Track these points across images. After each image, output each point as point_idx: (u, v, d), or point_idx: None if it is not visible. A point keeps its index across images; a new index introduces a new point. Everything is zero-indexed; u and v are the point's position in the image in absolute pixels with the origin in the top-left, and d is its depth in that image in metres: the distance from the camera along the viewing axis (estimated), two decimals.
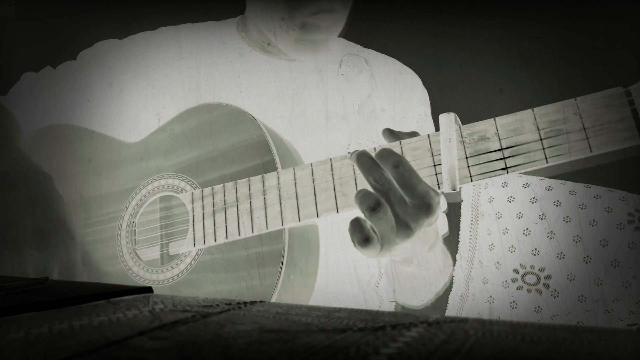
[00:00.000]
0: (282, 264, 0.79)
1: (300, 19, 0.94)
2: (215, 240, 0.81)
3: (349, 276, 0.92)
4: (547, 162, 0.63)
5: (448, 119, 0.68)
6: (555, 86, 0.89)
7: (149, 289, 0.61)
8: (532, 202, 0.89)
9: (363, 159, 0.69)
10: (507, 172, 0.65)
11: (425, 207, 0.66)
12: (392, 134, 0.73)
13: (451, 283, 0.91)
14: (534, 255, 0.86)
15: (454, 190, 0.66)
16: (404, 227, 0.66)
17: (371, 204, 0.65)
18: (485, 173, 0.66)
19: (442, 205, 0.79)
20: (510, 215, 0.90)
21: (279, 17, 0.98)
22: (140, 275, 0.87)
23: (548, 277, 0.85)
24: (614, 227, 0.83)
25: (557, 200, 0.87)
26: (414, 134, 0.73)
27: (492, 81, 0.94)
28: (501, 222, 0.90)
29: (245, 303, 0.50)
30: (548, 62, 0.91)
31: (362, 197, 0.67)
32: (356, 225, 0.67)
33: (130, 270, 0.88)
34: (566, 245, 0.85)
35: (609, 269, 0.82)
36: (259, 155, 0.83)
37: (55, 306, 0.50)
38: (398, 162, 0.67)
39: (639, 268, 0.81)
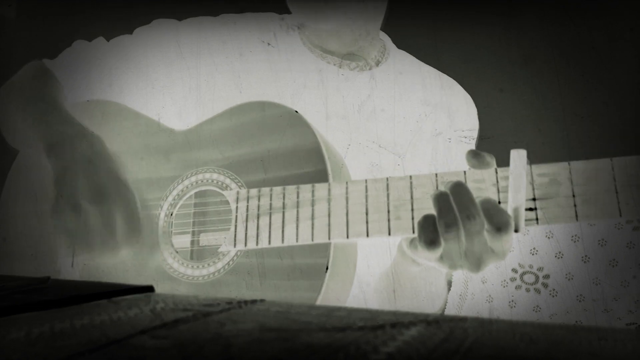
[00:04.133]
0: (327, 268, 0.76)
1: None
2: (257, 244, 0.78)
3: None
4: (620, 215, 0.61)
5: (519, 156, 0.64)
6: (555, 86, 0.89)
7: (150, 288, 0.61)
8: None
9: (461, 191, 0.65)
10: (577, 220, 0.62)
11: (504, 238, 0.62)
12: (476, 156, 0.68)
13: (451, 283, 0.91)
14: (533, 254, 0.86)
15: (517, 231, 0.63)
16: (475, 261, 0.65)
17: (448, 221, 0.63)
18: (553, 218, 0.63)
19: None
20: None
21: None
22: (175, 268, 0.84)
23: (547, 276, 0.85)
24: (612, 227, 0.83)
25: None
26: (491, 157, 0.69)
27: (492, 81, 0.94)
28: None
29: (245, 302, 0.51)
30: (548, 62, 0.91)
31: (442, 212, 0.64)
32: (429, 224, 0.65)
33: (165, 262, 0.86)
34: (565, 245, 0.85)
35: (608, 269, 0.82)
36: (310, 163, 0.80)
37: (56, 305, 0.51)
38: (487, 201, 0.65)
39: (637, 268, 0.81)
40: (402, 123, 0.96)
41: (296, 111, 0.85)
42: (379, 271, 0.92)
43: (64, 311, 0.48)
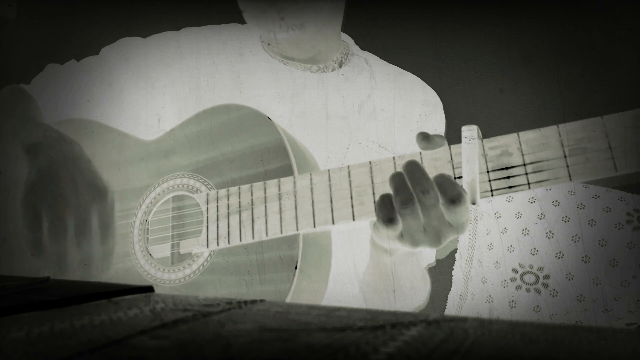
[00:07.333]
0: (296, 268, 0.78)
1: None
2: (229, 243, 0.81)
3: (349, 276, 0.92)
4: (570, 179, 0.63)
5: (470, 132, 0.67)
6: (555, 86, 0.89)
7: (150, 289, 0.61)
8: (531, 202, 0.89)
9: (414, 168, 0.67)
10: (530, 188, 0.64)
11: (459, 210, 0.65)
12: (426, 139, 0.71)
13: (451, 283, 0.91)
14: (533, 254, 0.87)
15: (474, 204, 0.65)
16: (434, 235, 0.66)
17: (404, 198, 0.65)
18: (506, 188, 0.65)
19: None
20: (509, 214, 0.90)
21: (279, 17, 0.98)
22: (152, 274, 0.87)
23: (547, 276, 0.85)
24: (612, 226, 0.83)
25: (556, 200, 0.87)
26: (442, 138, 0.72)
27: (492, 81, 0.94)
28: (500, 221, 0.90)
29: (245, 302, 0.51)
30: (548, 62, 0.91)
31: (397, 189, 0.66)
32: (386, 202, 0.67)
33: (142, 269, 0.88)
34: (565, 245, 0.85)
35: (608, 269, 0.82)
36: (276, 159, 0.83)
37: (56, 305, 0.51)
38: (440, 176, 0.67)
39: (637, 268, 0.82)
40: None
41: (269, 117, 0.87)
42: (363, 269, 0.93)
43: (64, 311, 0.48)
